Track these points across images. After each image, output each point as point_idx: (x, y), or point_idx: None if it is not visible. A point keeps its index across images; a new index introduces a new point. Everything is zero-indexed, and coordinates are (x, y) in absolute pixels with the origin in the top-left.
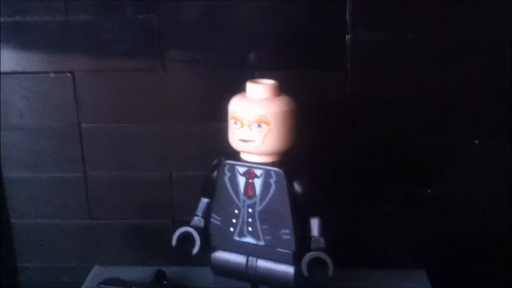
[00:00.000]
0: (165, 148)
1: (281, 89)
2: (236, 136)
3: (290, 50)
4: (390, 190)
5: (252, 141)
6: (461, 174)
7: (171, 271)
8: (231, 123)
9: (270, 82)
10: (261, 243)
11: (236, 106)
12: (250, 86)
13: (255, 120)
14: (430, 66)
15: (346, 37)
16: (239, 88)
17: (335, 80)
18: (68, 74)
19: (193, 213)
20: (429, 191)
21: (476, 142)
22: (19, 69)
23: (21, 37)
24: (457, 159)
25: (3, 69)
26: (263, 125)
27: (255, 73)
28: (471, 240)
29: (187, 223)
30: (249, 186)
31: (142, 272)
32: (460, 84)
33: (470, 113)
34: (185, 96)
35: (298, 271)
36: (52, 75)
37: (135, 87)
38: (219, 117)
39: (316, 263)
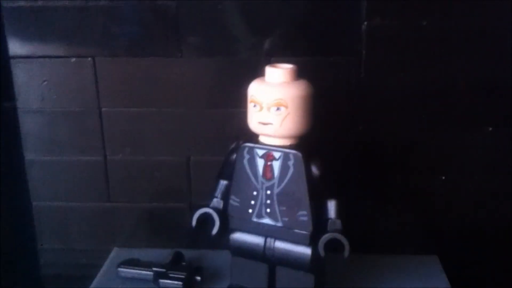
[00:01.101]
0: (183, 132)
1: (299, 74)
2: (255, 119)
3: (305, 37)
4: (404, 176)
5: (270, 123)
6: (475, 161)
7: (187, 254)
8: (250, 107)
9: (288, 66)
10: (279, 224)
11: (255, 89)
12: (269, 70)
13: (274, 103)
14: (444, 53)
15: (363, 25)
16: (256, 74)
17: (350, 66)
18: (89, 59)
19: (210, 197)
20: (443, 177)
21: (490, 129)
22: (40, 53)
23: (42, 22)
24: (471, 146)
25: (24, 53)
26: (282, 108)
27: (271, 59)
28: (483, 226)
29: (206, 205)
30: (267, 168)
31: (160, 254)
32: (466, 78)
33: (478, 106)
34: (202, 82)
35: (315, 252)
36: (73, 59)
37: (154, 72)
38: (236, 103)
39: (332, 244)
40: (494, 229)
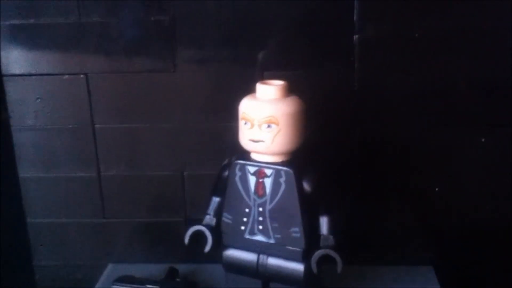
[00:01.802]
0: (177, 147)
1: (290, 89)
2: (246, 136)
3: (298, 50)
4: (398, 186)
5: (262, 141)
6: (469, 170)
7: (183, 268)
8: (241, 124)
9: (279, 83)
10: (272, 241)
11: (246, 106)
12: (259, 87)
13: (265, 120)
14: (436, 61)
15: (354, 37)
16: (250, 88)
17: (343, 78)
18: (82, 76)
19: (204, 212)
20: (437, 188)
21: (483, 138)
22: (33, 71)
23: (35, 39)
24: (464, 154)
25: (18, 71)
26: (273, 126)
27: (265, 73)
28: (479, 236)
29: (199, 222)
30: (259, 185)
31: (155, 269)
32: (465, 79)
33: (477, 107)
34: (196, 96)
35: (307, 268)
36: (66, 76)
37: (147, 87)
38: (230, 117)
39: (325, 260)
40: (490, 240)
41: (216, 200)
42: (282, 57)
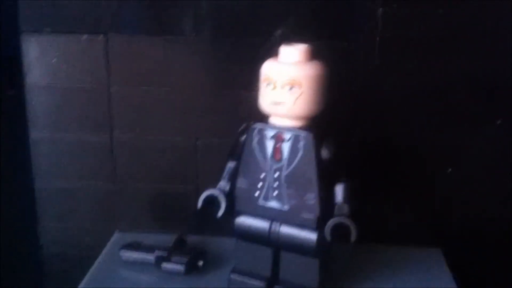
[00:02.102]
0: (192, 114)
1: (314, 54)
2: (268, 99)
3: (319, 21)
4: (410, 168)
5: (283, 103)
6: (480, 154)
7: (191, 239)
8: (263, 86)
9: (303, 45)
10: (286, 207)
11: (269, 68)
12: (284, 49)
13: (288, 82)
14: (458, 43)
15: (378, 10)
16: (268, 57)
17: (364, 52)
18: (101, 36)
19: (217, 180)
20: (450, 169)
21: (499, 122)
22: (51, 28)
23: None
24: (477, 139)
25: (35, 28)
26: (295, 87)
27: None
28: (487, 221)
29: (213, 187)
30: (277, 150)
31: (163, 239)
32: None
33: (493, 91)
34: (215, 62)
35: (320, 237)
36: (84, 36)
37: (165, 52)
38: (247, 85)
39: (339, 229)
40: (497, 224)
41: (231, 165)
42: (302, 28)
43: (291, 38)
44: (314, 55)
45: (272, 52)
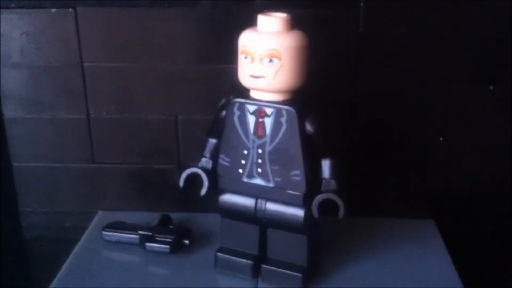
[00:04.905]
0: (170, 90)
1: (294, 24)
2: (246, 72)
3: None
4: (400, 138)
5: (263, 77)
6: (471, 123)
7: (175, 216)
8: (241, 58)
9: (282, 15)
10: (271, 184)
11: (247, 39)
12: (261, 18)
13: (267, 54)
14: (442, 7)
15: None
16: (247, 27)
17: (348, 20)
18: (70, 9)
19: (199, 156)
20: (441, 138)
21: (491, 88)
22: (17, 3)
23: None
24: (467, 107)
25: (2, 4)
26: (275, 60)
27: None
28: (480, 189)
29: (194, 165)
30: (259, 125)
31: (146, 217)
32: (474, 28)
33: (485, 55)
34: (191, 35)
35: (308, 213)
36: (53, 10)
37: (139, 24)
38: (227, 58)
39: (327, 205)
40: (491, 193)
41: (212, 141)
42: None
43: (270, 7)
44: (294, 24)
45: (250, 22)
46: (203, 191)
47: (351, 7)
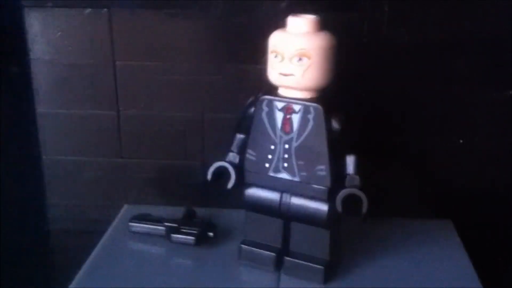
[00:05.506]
0: (198, 89)
1: (322, 25)
2: (276, 70)
3: None
4: (417, 139)
5: (292, 75)
6: (488, 123)
7: (199, 212)
8: (271, 58)
9: (311, 16)
10: (296, 179)
11: (277, 39)
12: (291, 19)
13: (296, 53)
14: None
15: None
16: (273, 29)
17: (371, 22)
18: (104, 10)
19: (223, 154)
20: (461, 141)
21: (511, 93)
22: (53, 3)
23: None
24: (484, 107)
25: (37, 3)
26: (304, 59)
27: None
28: (498, 190)
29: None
30: (286, 121)
31: (171, 212)
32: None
33: (495, 57)
34: (221, 37)
35: (331, 208)
36: (87, 10)
37: (170, 25)
38: (253, 59)
39: (350, 201)
40: (507, 193)
41: (240, 137)
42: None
43: (296, 9)
44: (322, 26)
45: (278, 24)
46: (230, 184)
47: (375, 10)
